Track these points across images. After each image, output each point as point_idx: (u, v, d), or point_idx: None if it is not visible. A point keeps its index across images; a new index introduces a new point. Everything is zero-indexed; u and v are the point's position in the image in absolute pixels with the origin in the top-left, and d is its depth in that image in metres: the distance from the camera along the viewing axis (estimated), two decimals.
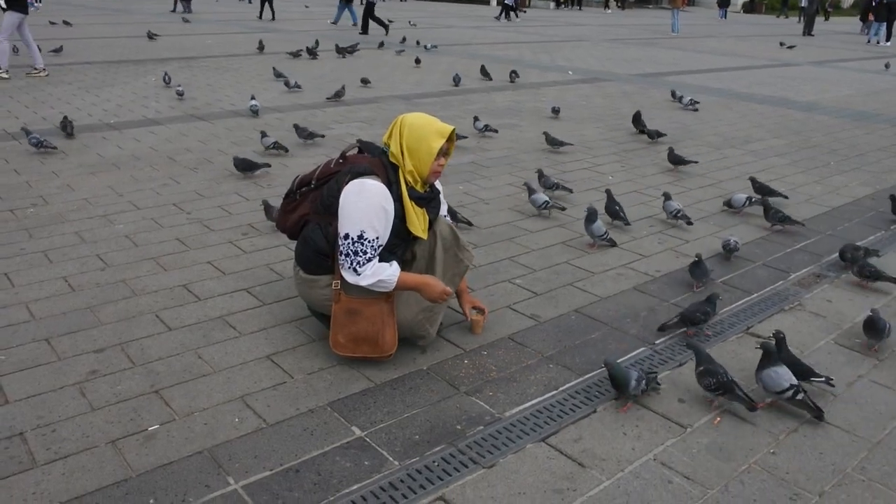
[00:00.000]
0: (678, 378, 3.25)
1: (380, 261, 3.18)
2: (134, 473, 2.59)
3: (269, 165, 6.42)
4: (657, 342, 3.58)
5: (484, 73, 12.62)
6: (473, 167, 6.76)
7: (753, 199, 5.58)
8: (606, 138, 8.21)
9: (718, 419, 2.96)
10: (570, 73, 13.86)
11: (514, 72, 12.35)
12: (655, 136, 8.02)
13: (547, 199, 5.40)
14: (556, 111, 9.36)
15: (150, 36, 17.81)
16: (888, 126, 9.51)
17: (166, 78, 11.28)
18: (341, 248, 3.14)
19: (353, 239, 3.10)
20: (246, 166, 6.24)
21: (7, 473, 2.58)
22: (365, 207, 3.11)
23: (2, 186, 5.88)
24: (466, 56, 16.21)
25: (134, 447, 2.73)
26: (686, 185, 6.36)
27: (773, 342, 3.19)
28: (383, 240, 3.19)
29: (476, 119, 8.21)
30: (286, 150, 7.10)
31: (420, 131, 3.21)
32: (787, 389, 2.96)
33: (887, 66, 17.00)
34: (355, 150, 3.44)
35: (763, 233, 5.19)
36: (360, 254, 3.10)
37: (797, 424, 2.95)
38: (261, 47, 15.42)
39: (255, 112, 9.04)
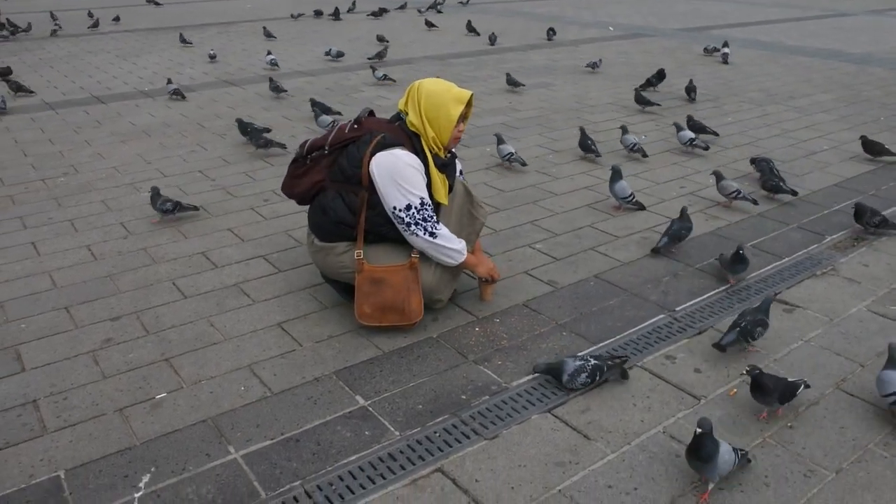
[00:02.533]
0: (696, 347, 3.13)
1: None
2: (138, 441, 2.61)
3: (284, 146, 5.99)
4: (677, 309, 3.46)
5: (470, 28, 12.43)
6: (503, 128, 6.60)
7: (696, 142, 5.83)
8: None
9: (734, 391, 2.84)
10: (610, 28, 13.44)
11: (551, 29, 12.02)
12: (656, 82, 8.04)
13: (512, 150, 5.45)
14: (592, 66, 9.30)
15: (154, 2, 17.81)
16: None
17: (184, 38, 11.64)
18: (407, 219, 3.12)
19: (416, 208, 3.11)
20: (245, 130, 6.19)
21: (18, 440, 2.63)
22: (412, 176, 3.11)
23: (36, 156, 5.99)
24: (506, 14, 15.88)
25: (140, 415, 2.75)
26: (722, 144, 6.11)
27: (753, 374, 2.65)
28: None
29: (375, 70, 8.67)
30: (183, 97, 7.90)
31: (438, 99, 3.14)
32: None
33: None
34: (367, 114, 3.35)
35: (803, 193, 4.95)
36: (429, 218, 3.15)
37: (818, 396, 2.82)
38: (318, 11, 15.28)
39: (274, 64, 9.48)
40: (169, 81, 8.19)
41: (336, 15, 14.89)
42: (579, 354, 2.94)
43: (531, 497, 2.33)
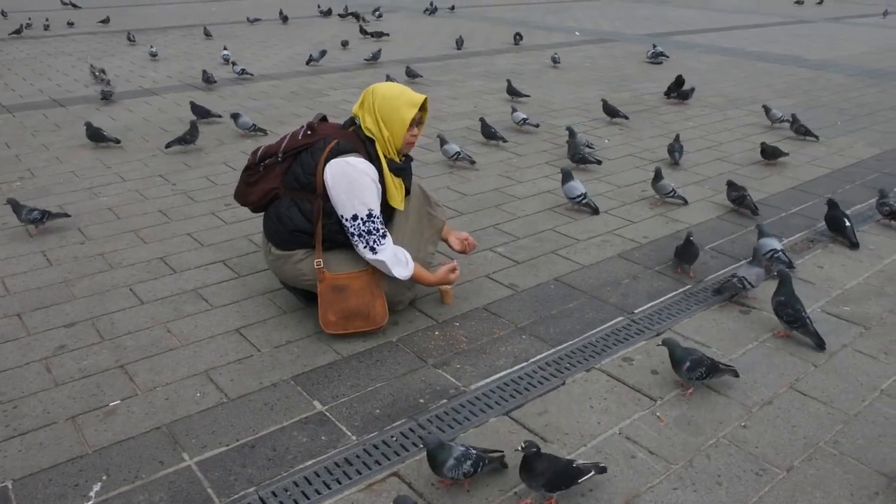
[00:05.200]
0: (654, 349, 3.16)
1: None
2: (90, 450, 2.56)
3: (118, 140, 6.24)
4: (636, 311, 3.49)
5: (363, 32, 12.89)
6: (467, 132, 6.63)
7: (528, 121, 6.57)
8: (608, 100, 8.00)
9: (691, 390, 2.88)
10: (576, 33, 13.56)
11: (518, 34, 12.09)
12: (674, 89, 7.98)
13: (458, 149, 5.61)
14: (553, 60, 10.08)
15: (72, 4, 17.25)
16: None
17: (131, 37, 11.95)
18: (352, 229, 3.08)
19: (362, 219, 3.06)
20: (94, 135, 6.17)
21: None
22: (363, 186, 3.06)
23: None
24: (474, 18, 15.94)
25: (93, 423, 2.70)
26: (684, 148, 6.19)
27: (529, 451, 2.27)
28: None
29: (235, 65, 8.85)
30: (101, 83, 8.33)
31: (392, 102, 3.13)
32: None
33: (885, 13, 17.42)
34: (319, 120, 3.32)
35: (761, 196, 5.04)
36: (374, 231, 3.08)
37: (772, 396, 2.86)
38: (284, 18, 15.07)
39: (227, 60, 9.95)
40: (102, 71, 8.57)
41: (328, 14, 15.37)
42: (461, 445, 2.36)
43: (487, 500, 2.33)
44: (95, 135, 6.17)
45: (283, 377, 2.97)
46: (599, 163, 5.58)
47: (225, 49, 10.32)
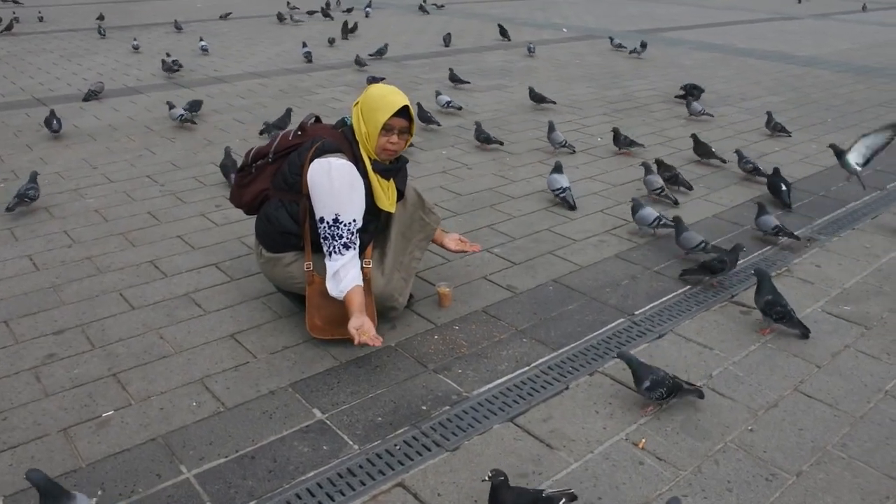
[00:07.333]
0: (655, 351, 3.13)
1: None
2: (84, 463, 2.49)
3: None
4: (636, 313, 3.45)
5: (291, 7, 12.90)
6: (459, 130, 6.57)
7: (452, 103, 7.06)
8: (597, 98, 7.99)
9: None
10: (564, 30, 13.53)
11: (505, 32, 12.02)
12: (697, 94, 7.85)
13: None
14: (529, 50, 10.59)
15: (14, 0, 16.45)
16: (889, 80, 9.23)
17: (101, 30, 12.11)
18: (320, 231, 3.00)
19: (328, 223, 2.97)
20: (47, 122, 6.32)
21: None
22: (337, 189, 2.97)
23: None
24: (462, 15, 15.87)
25: (86, 435, 2.62)
26: (676, 146, 6.17)
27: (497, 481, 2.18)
28: (360, 221, 3.04)
29: (169, 55, 8.26)
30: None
31: (374, 103, 3.03)
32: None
33: (864, 7, 17.84)
34: (312, 120, 3.25)
35: (755, 194, 5.03)
36: (337, 238, 2.96)
37: (777, 399, 2.83)
38: (281, 18, 14.57)
39: (204, 50, 10.34)
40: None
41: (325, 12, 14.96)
42: None
43: None
44: (48, 122, 6.30)
45: (281, 384, 2.91)
46: (501, 143, 6.00)
47: (202, 40, 10.63)
